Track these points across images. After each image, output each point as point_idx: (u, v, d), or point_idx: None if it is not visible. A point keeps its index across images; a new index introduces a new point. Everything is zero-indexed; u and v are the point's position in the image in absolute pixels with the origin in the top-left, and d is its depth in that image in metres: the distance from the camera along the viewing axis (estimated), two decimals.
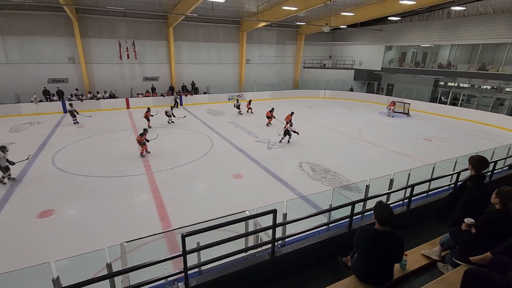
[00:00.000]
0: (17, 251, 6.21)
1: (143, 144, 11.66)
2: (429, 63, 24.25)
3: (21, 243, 6.48)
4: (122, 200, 8.34)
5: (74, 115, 17.07)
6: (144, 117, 16.47)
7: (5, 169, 9.06)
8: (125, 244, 4.03)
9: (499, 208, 2.90)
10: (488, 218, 2.92)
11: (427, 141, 14.51)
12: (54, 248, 6.26)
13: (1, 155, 8.93)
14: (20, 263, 4.78)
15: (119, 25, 21.78)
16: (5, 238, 6.64)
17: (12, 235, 6.75)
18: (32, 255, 5.99)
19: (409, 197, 4.39)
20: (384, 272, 3.00)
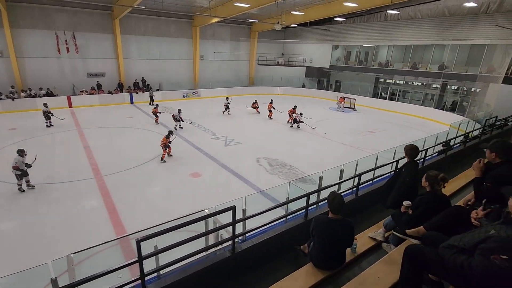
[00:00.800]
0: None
1: (167, 147, 10.85)
2: (371, 62, 26.44)
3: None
4: (68, 208, 7.62)
5: (48, 116, 15.04)
6: (152, 113, 16.40)
7: (23, 174, 8.14)
8: (72, 255, 3.71)
9: (429, 191, 3.33)
10: (421, 200, 3.33)
11: (371, 133, 15.84)
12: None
13: (20, 159, 8.06)
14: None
15: (56, 15, 19.54)
16: None
17: None
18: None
19: (357, 185, 4.77)
20: (337, 257, 3.24)
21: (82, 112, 18.70)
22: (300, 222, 3.93)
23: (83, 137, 13.52)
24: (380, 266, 3.15)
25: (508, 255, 1.88)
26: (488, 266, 1.95)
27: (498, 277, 1.93)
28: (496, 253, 1.93)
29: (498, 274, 1.91)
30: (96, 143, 12.75)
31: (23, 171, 8.13)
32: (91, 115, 18.22)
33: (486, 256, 1.98)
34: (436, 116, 19.66)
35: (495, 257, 1.92)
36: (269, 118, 18.51)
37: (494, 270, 1.92)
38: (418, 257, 2.52)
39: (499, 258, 1.90)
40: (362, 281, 2.96)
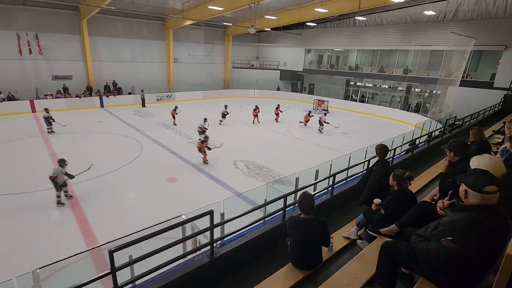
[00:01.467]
0: None
1: (204, 152, 11.02)
2: (341, 65, 27.50)
3: None
4: (32, 220, 7.11)
5: (50, 122, 14.10)
6: (171, 115, 16.72)
7: (61, 186, 7.79)
8: (38, 270, 3.47)
9: (397, 189, 3.51)
10: (392, 199, 3.50)
11: (343, 134, 16.41)
12: None
13: (60, 170, 7.72)
14: None
15: (17, 14, 18.25)
16: None
17: None
18: None
19: (332, 185, 4.91)
20: (314, 256, 3.31)
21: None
22: (278, 224, 3.97)
23: (49, 144, 12.70)
24: (355, 263, 3.25)
25: (453, 236, 2.06)
26: (439, 248, 2.13)
27: (449, 259, 2.11)
28: (444, 236, 2.11)
29: (448, 255, 2.09)
30: (63, 150, 12.03)
31: (63, 182, 7.84)
32: (57, 120, 17.13)
33: (437, 240, 2.17)
34: (402, 117, 20.81)
35: (443, 239, 2.10)
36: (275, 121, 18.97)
37: (444, 252, 2.10)
38: (394, 252, 2.64)
39: (446, 241, 2.08)
40: (340, 279, 3.04)
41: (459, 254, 2.04)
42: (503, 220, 2.06)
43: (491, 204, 2.02)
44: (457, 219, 2.11)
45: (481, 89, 18.50)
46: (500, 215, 2.06)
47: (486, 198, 2.00)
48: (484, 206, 2.02)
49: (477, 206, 2.04)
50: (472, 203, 2.06)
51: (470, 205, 2.08)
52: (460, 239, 2.03)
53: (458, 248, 2.02)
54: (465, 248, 2.02)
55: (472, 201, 2.06)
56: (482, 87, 18.59)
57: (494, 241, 2.04)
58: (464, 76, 18.29)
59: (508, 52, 17.61)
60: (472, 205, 2.06)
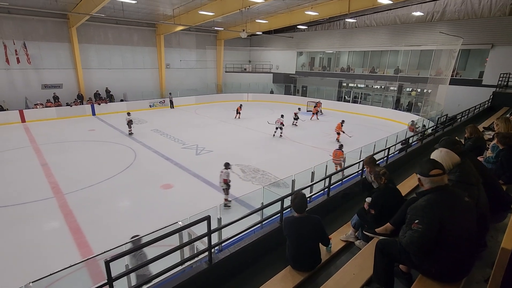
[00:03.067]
0: None
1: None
2: (333, 67, 27.79)
3: None
4: (25, 232, 6.95)
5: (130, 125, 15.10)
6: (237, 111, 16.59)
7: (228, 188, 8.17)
8: (31, 284, 3.38)
9: (377, 186, 3.61)
10: (375, 196, 3.54)
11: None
12: None
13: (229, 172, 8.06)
14: None
15: (3, 23, 18.03)
16: None
17: None
18: None
19: (328, 186, 4.92)
20: (311, 256, 3.30)
21: (38, 127, 17.30)
22: (276, 227, 3.95)
23: (39, 154, 12.49)
24: (354, 263, 3.24)
25: (418, 219, 2.29)
26: (412, 234, 2.32)
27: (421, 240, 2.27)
28: (413, 222, 2.33)
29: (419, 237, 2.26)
30: (55, 159, 11.85)
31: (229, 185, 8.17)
32: (48, 129, 16.91)
33: (410, 228, 2.37)
34: (395, 116, 21.05)
35: (413, 225, 2.32)
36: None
37: (416, 235, 2.28)
38: (388, 249, 2.67)
39: (415, 225, 2.30)
40: (339, 279, 3.03)
41: (426, 233, 2.23)
42: (457, 197, 2.33)
43: (441, 185, 2.33)
44: (418, 203, 2.37)
45: (471, 87, 18.85)
46: (453, 194, 2.35)
47: (435, 181, 2.33)
48: (435, 188, 2.33)
49: (430, 189, 2.35)
50: (426, 187, 2.39)
51: (426, 190, 2.40)
52: (424, 219, 2.26)
53: (424, 227, 2.24)
54: (430, 226, 2.23)
55: (426, 186, 2.39)
56: (471, 85, 18.95)
57: (456, 218, 2.25)
58: (454, 74, 18.63)
59: (494, 50, 18.02)
60: (427, 189, 2.38)
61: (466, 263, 2.37)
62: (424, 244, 2.29)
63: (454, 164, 2.81)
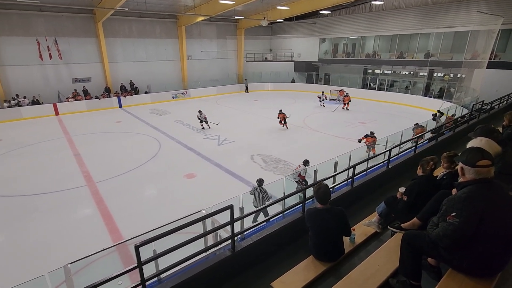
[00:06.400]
0: None
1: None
2: (358, 53, 26.65)
3: None
4: (61, 218, 7.47)
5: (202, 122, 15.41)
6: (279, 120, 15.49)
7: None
8: (70, 265, 3.64)
9: (421, 175, 3.42)
10: (413, 183, 3.39)
11: (362, 124, 15.98)
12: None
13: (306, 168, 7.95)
14: None
15: (36, 20, 19.01)
16: None
17: None
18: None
19: (352, 176, 4.79)
20: (334, 247, 3.26)
21: (70, 119, 18.33)
22: (298, 217, 3.93)
23: (72, 145, 13.26)
24: (379, 255, 3.17)
25: (455, 211, 2.13)
26: (446, 227, 2.18)
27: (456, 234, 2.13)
28: (448, 214, 2.19)
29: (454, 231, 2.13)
30: (86, 150, 12.53)
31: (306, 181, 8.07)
32: (79, 121, 17.86)
33: (444, 220, 2.24)
34: (424, 104, 19.97)
35: (448, 217, 2.18)
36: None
37: (450, 228, 2.14)
38: (415, 242, 2.57)
39: (451, 217, 2.15)
40: (363, 271, 2.98)
41: (463, 227, 2.09)
42: (501, 191, 2.17)
43: (487, 178, 2.13)
44: (457, 195, 2.20)
45: (511, 70, 17.35)
46: (497, 187, 2.16)
47: (480, 172, 2.13)
48: (479, 180, 2.14)
49: (474, 181, 2.16)
50: (469, 178, 2.19)
51: (467, 181, 2.21)
52: (462, 213, 2.11)
53: (462, 221, 2.09)
54: (468, 220, 2.08)
55: (468, 176, 2.20)
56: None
57: (497, 214, 2.09)
58: (492, 57, 17.18)
59: None
60: (469, 181, 2.19)
61: (502, 259, 2.22)
62: (459, 239, 2.15)
63: (496, 154, 2.60)
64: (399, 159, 6.11)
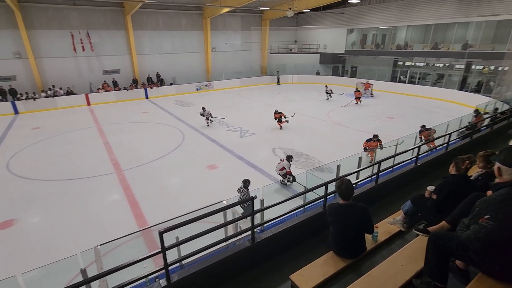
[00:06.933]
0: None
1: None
2: (388, 44, 25.40)
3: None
4: (91, 202, 7.94)
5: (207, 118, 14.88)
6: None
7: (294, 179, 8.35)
8: (99, 247, 3.87)
9: (454, 173, 3.22)
10: (445, 182, 3.20)
11: (389, 119, 15.35)
12: (19, 261, 5.85)
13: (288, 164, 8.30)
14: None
15: (70, 14, 19.99)
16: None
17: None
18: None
19: (377, 173, 4.64)
20: (355, 244, 3.20)
21: (100, 109, 19.26)
22: (319, 211, 3.89)
23: (102, 134, 13.95)
24: (403, 254, 3.08)
25: (489, 214, 2.02)
26: (478, 229, 2.07)
27: (489, 237, 2.02)
28: (481, 216, 2.08)
29: (488, 234, 2.01)
30: (115, 139, 13.14)
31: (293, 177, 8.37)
32: (108, 111, 18.71)
33: (476, 222, 2.13)
34: (459, 98, 18.76)
35: (481, 220, 2.06)
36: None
37: (483, 231, 2.03)
38: (443, 243, 2.46)
39: (484, 220, 2.04)
40: (385, 269, 2.90)
41: (498, 231, 1.98)
42: None
43: None
44: (492, 197, 2.09)
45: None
46: None
47: None
48: None
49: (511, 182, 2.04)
50: (506, 179, 2.08)
51: (504, 182, 2.09)
52: (497, 215, 2.00)
53: (496, 224, 1.97)
54: (503, 224, 1.97)
55: (506, 177, 2.09)
56: None
57: None
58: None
59: None
60: (506, 182, 2.08)
61: None
62: (492, 242, 2.04)
63: None
64: (429, 156, 5.81)
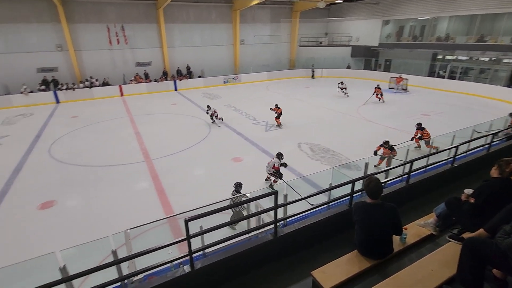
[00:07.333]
0: (19, 243, 6.26)
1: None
2: (427, 37, 23.80)
3: (23, 236, 6.52)
4: (123, 188, 8.39)
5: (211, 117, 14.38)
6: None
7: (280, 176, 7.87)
8: (129, 231, 4.08)
9: (496, 177, 2.96)
10: (485, 185, 2.97)
11: (425, 116, 14.48)
12: (57, 238, 6.35)
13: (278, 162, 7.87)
14: (23, 255, 4.83)
15: (107, 8, 20.97)
16: (6, 231, 6.67)
17: (13, 228, 6.80)
18: (35, 247, 6.05)
19: (408, 172, 4.41)
20: (382, 245, 3.08)
21: (132, 100, 20.14)
22: (344, 209, 3.79)
23: (133, 124, 14.60)
24: (433, 258, 2.94)
25: None
26: None
27: None
28: None
29: None
30: (145, 129, 13.70)
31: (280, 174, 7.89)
32: (139, 102, 19.51)
33: None
34: (506, 96, 17.21)
35: None
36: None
37: None
38: (479, 250, 2.29)
39: None
40: (413, 273, 2.78)
41: None
42: None
43: None
44: None
45: None
46: None
47: None
48: None
49: None
50: None
51: None
52: None
53: None
54: None
55: None
56: None
57: None
58: None
59: None
60: None
61: None
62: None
63: None
64: (467, 157, 5.41)
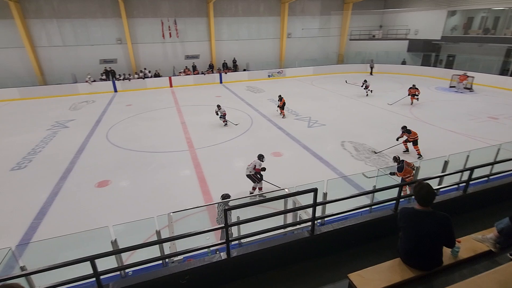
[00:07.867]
0: (78, 216, 7.03)
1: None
2: (501, 30, 20.88)
3: (82, 209, 7.30)
4: (168, 174, 8.93)
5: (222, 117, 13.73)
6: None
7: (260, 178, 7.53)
8: (172, 214, 4.34)
9: None
10: None
11: (492, 120, 12.84)
12: (110, 214, 7.00)
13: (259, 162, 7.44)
14: (81, 227, 5.43)
15: (161, 3, 22.28)
16: (67, 205, 7.54)
17: (74, 202, 7.64)
18: (91, 220, 6.73)
19: (467, 181, 3.97)
20: (430, 256, 2.83)
21: (180, 91, 21.22)
22: (388, 214, 3.56)
23: (180, 114, 15.41)
24: (491, 278, 2.62)
25: None
26: None
27: None
28: None
29: None
30: (190, 119, 14.37)
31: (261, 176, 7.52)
32: (187, 94, 20.47)
33: None
34: None
35: None
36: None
37: None
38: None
39: None
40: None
41: None
42: None
43: None
44: None
45: None
46: None
47: None
48: None
49: None
50: None
51: None
52: None
53: None
54: None
55: None
56: None
57: None
58: None
59: None
60: None
61: None
62: None
63: None
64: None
